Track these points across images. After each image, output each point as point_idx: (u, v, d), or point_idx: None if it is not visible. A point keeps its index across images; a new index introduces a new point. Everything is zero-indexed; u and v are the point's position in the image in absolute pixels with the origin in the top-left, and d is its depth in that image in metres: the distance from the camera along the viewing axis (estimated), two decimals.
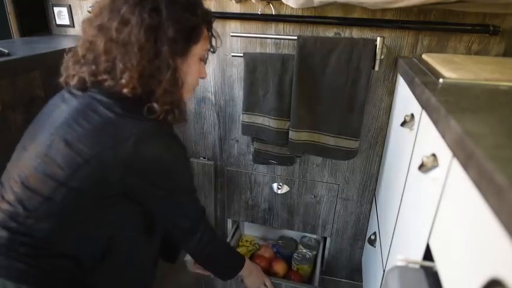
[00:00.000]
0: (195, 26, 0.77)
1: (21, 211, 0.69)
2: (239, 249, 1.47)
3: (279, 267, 1.38)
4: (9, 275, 0.68)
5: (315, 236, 1.52)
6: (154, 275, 0.93)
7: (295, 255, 1.44)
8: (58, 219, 0.71)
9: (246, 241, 1.55)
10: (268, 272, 1.35)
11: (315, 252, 1.46)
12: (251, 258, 1.44)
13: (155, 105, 0.73)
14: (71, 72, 0.77)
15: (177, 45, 0.73)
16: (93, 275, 0.77)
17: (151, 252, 0.89)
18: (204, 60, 0.86)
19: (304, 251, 1.45)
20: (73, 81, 0.75)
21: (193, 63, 0.80)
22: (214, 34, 0.86)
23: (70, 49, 0.79)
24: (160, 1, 0.71)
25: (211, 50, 0.88)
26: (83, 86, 0.75)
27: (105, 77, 0.72)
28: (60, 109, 0.74)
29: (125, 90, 0.71)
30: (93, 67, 0.73)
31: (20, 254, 0.69)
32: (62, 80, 0.79)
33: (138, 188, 0.75)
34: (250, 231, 1.63)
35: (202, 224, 0.90)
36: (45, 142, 0.71)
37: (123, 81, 0.70)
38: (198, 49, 0.79)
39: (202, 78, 0.88)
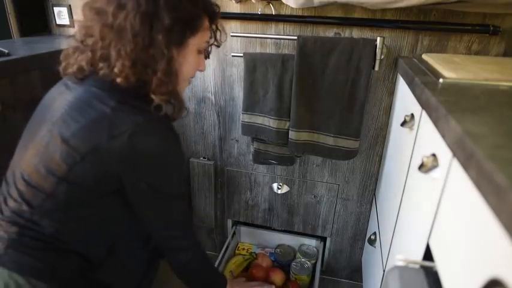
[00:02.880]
0: (194, 16, 0.74)
1: (26, 208, 0.70)
2: (235, 259, 1.42)
3: (277, 277, 1.34)
4: (19, 268, 0.69)
5: (313, 244, 1.49)
6: (154, 269, 0.93)
7: (293, 264, 1.39)
8: (62, 215, 0.71)
9: (243, 249, 1.51)
10: (266, 281, 1.32)
11: (313, 261, 1.42)
12: (247, 267, 1.40)
13: (153, 96, 0.71)
14: (70, 60, 0.75)
15: (173, 35, 0.71)
16: (100, 270, 0.78)
17: (150, 247, 0.89)
18: (203, 52, 0.83)
19: (303, 260, 1.41)
20: (72, 69, 0.74)
21: (190, 54, 0.77)
22: (219, 28, 0.83)
23: (71, 36, 0.77)
24: None
25: (215, 43, 0.85)
26: (81, 75, 0.73)
27: (101, 65, 0.70)
28: (57, 103, 0.73)
29: (119, 80, 0.69)
30: (90, 54, 0.71)
31: (30, 248, 0.70)
32: (61, 68, 0.77)
33: (132, 184, 0.73)
34: (247, 239, 1.58)
35: (192, 236, 0.87)
36: (44, 139, 0.71)
37: (116, 69, 0.68)
38: (196, 40, 0.76)
39: (201, 71, 0.85)
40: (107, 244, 0.78)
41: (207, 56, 0.86)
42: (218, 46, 0.86)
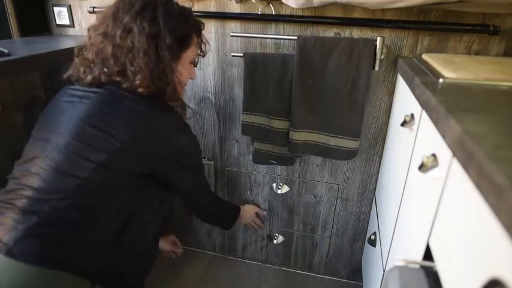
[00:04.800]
0: (187, 33, 0.89)
1: (55, 195, 0.74)
2: None
3: None
4: (31, 259, 0.70)
5: None
6: (157, 248, 1.05)
7: None
8: (93, 198, 0.77)
9: None
10: None
11: None
12: None
13: (170, 103, 0.88)
14: (82, 70, 0.85)
15: (174, 51, 0.85)
16: (108, 253, 0.83)
17: (156, 228, 0.97)
18: (194, 63, 0.99)
19: None
20: (87, 79, 0.84)
21: (185, 65, 0.93)
22: (203, 40, 0.97)
23: (79, 52, 0.88)
24: (158, 13, 0.82)
25: (201, 54, 1.00)
26: (98, 84, 0.84)
27: (118, 79, 0.82)
28: (82, 103, 0.82)
29: (141, 90, 0.82)
30: (105, 69, 0.83)
31: (45, 237, 0.73)
32: (73, 76, 0.87)
33: (167, 168, 0.89)
34: None
35: (209, 191, 1.13)
36: (75, 130, 0.78)
37: (138, 82, 0.81)
38: (189, 53, 0.92)
39: (192, 79, 1.01)
40: (120, 222, 0.84)
41: (195, 65, 1.02)
42: (203, 56, 1.01)
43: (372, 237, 1.16)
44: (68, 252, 0.75)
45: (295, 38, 1.07)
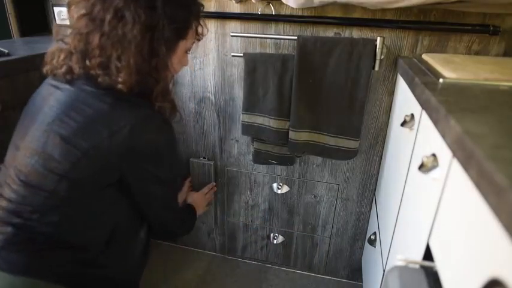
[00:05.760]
0: (187, 22, 0.77)
1: (26, 208, 0.70)
2: None
3: None
4: (12, 269, 0.69)
5: None
6: (149, 250, 0.97)
7: None
8: (64, 211, 0.72)
9: None
10: None
11: None
12: None
13: (155, 103, 0.75)
14: (58, 61, 0.75)
15: (171, 44, 0.74)
16: (100, 259, 0.79)
17: (146, 230, 0.91)
18: (189, 51, 0.85)
19: None
20: (60, 70, 0.74)
21: (180, 56, 0.81)
22: (201, 23, 0.83)
23: (58, 34, 0.76)
24: None
25: (198, 38, 0.86)
26: (70, 77, 0.73)
27: (98, 72, 0.70)
28: (49, 103, 0.74)
29: (120, 87, 0.70)
30: (87, 61, 0.71)
31: (26, 247, 0.70)
32: (47, 69, 0.77)
33: (133, 174, 0.76)
34: None
35: (180, 214, 0.99)
36: (40, 139, 0.71)
37: (120, 79, 0.69)
38: (186, 43, 0.80)
39: (185, 66, 0.88)
40: (106, 232, 0.79)
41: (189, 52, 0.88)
42: (199, 40, 0.86)
43: (372, 237, 1.16)
44: (52, 262, 0.72)
45: (295, 38, 1.07)
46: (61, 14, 1.40)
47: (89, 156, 0.69)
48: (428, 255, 0.58)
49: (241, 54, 1.17)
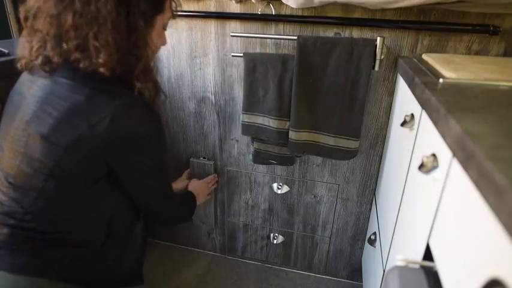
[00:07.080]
0: None
1: (18, 209, 0.70)
2: None
3: None
4: (13, 268, 0.69)
5: None
6: (145, 247, 0.97)
7: None
8: (56, 209, 0.71)
9: None
10: None
11: None
12: None
13: (136, 83, 0.71)
14: (32, 53, 0.71)
15: (148, 18, 0.71)
16: (98, 256, 0.79)
17: (142, 223, 0.91)
18: (165, 27, 0.82)
19: None
20: (37, 62, 0.70)
21: (159, 32, 0.78)
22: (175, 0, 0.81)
23: (26, 20, 0.71)
24: None
25: (173, 14, 0.82)
26: (49, 68, 0.70)
27: (78, 56, 0.66)
28: (27, 100, 0.72)
29: (102, 70, 0.67)
30: (64, 46, 0.67)
31: (24, 247, 0.70)
32: (22, 63, 0.74)
33: (119, 164, 0.75)
34: None
35: (173, 199, 0.95)
36: (21, 139, 0.70)
37: (101, 60, 0.65)
38: (163, 17, 0.77)
39: (163, 45, 0.84)
40: (103, 226, 0.79)
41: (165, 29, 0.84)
42: (174, 18, 0.83)
43: (372, 237, 1.16)
44: (53, 260, 0.72)
45: (295, 38, 1.07)
46: None
47: (70, 151, 0.67)
48: (428, 255, 0.58)
49: (241, 54, 1.17)
